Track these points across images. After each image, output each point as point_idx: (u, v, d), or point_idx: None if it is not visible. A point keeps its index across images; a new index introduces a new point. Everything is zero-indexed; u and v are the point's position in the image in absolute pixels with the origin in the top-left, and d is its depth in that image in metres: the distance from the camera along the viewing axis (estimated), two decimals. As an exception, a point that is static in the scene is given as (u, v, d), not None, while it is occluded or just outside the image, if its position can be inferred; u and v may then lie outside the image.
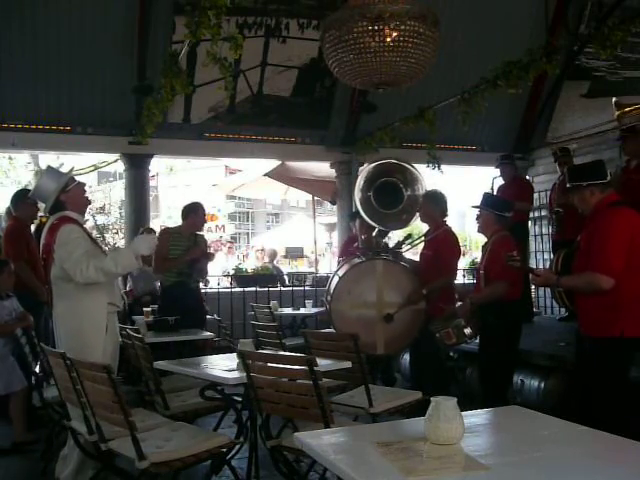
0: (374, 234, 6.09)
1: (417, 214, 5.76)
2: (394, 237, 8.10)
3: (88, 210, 4.31)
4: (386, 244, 5.93)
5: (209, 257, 6.41)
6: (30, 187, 15.85)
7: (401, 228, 6.47)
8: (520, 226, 7.12)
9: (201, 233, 6.35)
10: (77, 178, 4.16)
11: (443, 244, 5.24)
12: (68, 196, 3.89)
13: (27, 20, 7.63)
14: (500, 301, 4.38)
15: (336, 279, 5.43)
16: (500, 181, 7.88)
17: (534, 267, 4.12)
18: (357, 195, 5.92)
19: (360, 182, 5.92)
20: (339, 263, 6.85)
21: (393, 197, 5.85)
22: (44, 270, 3.94)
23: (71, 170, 4.16)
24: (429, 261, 5.29)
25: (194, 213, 6.14)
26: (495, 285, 4.37)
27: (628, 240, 3.42)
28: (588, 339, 3.63)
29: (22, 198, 5.87)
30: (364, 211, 5.85)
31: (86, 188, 4.17)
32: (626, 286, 3.40)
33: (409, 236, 6.18)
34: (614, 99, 6.75)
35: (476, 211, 4.77)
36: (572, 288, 3.69)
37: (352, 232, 7.15)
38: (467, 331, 4.53)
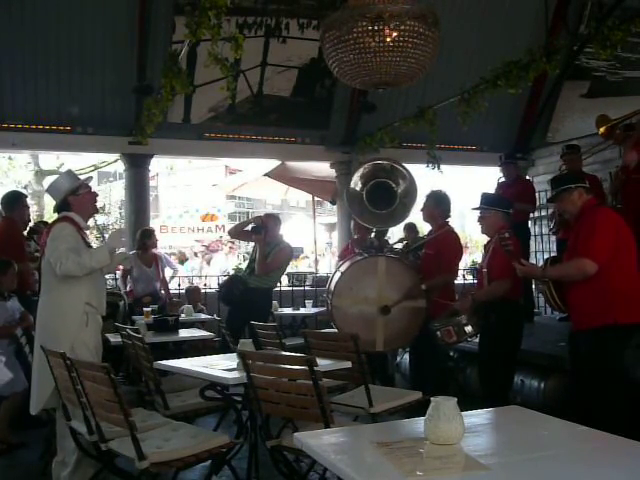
0: (371, 235, 6.08)
1: (406, 217, 5.78)
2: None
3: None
4: (381, 244, 5.91)
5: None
6: (30, 188, 15.96)
7: (389, 227, 6.46)
8: (521, 227, 7.11)
9: (280, 242, 6.55)
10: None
11: (445, 244, 5.24)
12: (76, 199, 4.04)
13: (27, 20, 7.63)
14: (503, 300, 4.38)
15: (338, 275, 5.43)
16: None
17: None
18: (348, 196, 5.89)
19: (355, 181, 5.89)
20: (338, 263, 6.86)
21: (384, 198, 5.82)
22: (39, 263, 4.10)
23: (88, 178, 4.33)
24: (431, 260, 5.29)
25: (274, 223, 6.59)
26: (497, 283, 4.37)
27: (614, 233, 3.67)
28: (582, 333, 3.72)
29: (18, 201, 5.91)
30: (355, 211, 5.83)
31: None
32: (616, 276, 3.60)
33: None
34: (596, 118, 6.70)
35: (476, 212, 4.74)
36: (558, 276, 3.84)
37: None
38: (468, 329, 4.51)
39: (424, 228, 6.87)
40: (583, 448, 2.07)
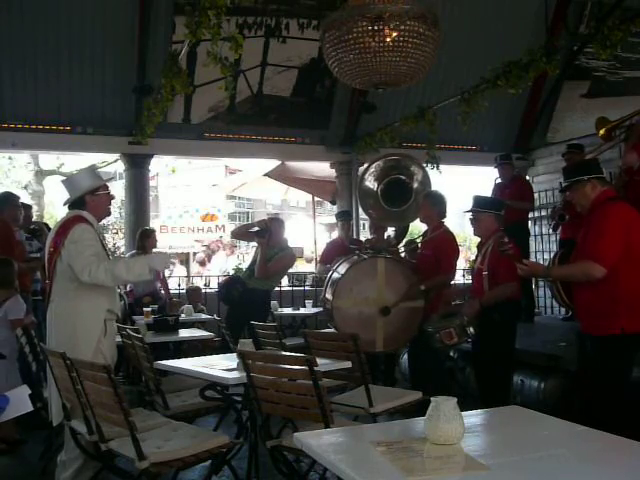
0: (389, 234, 6.07)
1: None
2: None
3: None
4: (395, 244, 5.92)
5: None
6: (30, 188, 15.93)
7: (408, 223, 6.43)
8: (520, 226, 7.12)
9: (285, 248, 6.56)
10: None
11: (442, 244, 5.24)
12: (94, 199, 3.88)
13: (27, 20, 7.63)
14: (506, 301, 4.39)
15: (337, 277, 5.43)
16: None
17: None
18: (361, 194, 5.88)
19: (368, 178, 5.87)
20: (324, 262, 6.88)
21: (399, 195, 5.81)
22: (49, 265, 3.86)
23: (110, 179, 4.18)
24: (428, 261, 5.29)
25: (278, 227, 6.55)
26: (505, 286, 4.35)
27: (624, 233, 3.46)
28: (589, 338, 3.64)
29: (6, 202, 5.90)
30: (369, 210, 5.82)
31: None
32: (624, 281, 3.43)
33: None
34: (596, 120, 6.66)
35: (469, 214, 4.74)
36: (564, 277, 3.73)
37: (338, 235, 7.14)
38: (469, 330, 4.51)
39: (420, 229, 6.87)
40: (583, 448, 2.07)
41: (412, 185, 5.78)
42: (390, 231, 6.53)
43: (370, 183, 5.86)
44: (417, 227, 10.16)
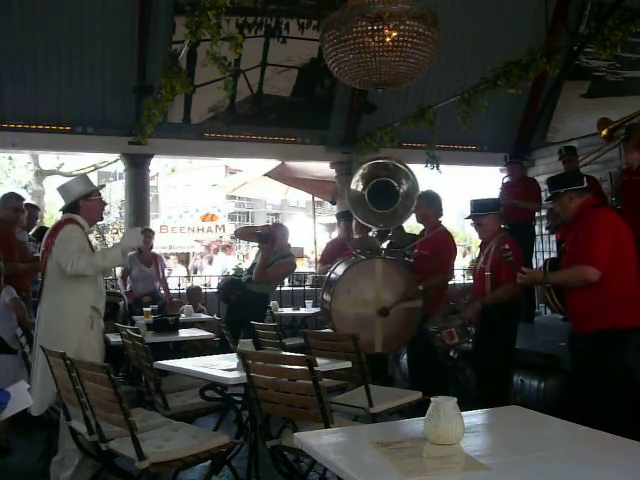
0: (371, 234, 6.06)
1: (408, 215, 5.76)
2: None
3: None
4: (380, 245, 5.90)
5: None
6: (30, 188, 15.93)
7: (392, 227, 6.40)
8: (525, 226, 7.10)
9: (286, 255, 6.56)
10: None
11: (440, 243, 5.24)
12: (87, 204, 4.08)
13: (27, 20, 7.63)
14: (506, 300, 4.40)
15: (334, 278, 5.42)
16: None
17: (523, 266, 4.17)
18: (349, 195, 5.87)
19: (355, 182, 5.87)
20: (325, 262, 6.87)
21: (386, 197, 5.80)
22: (42, 264, 4.05)
23: (102, 186, 4.42)
24: (426, 261, 5.28)
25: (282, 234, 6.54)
26: (507, 286, 4.35)
27: (612, 236, 3.59)
28: (582, 337, 3.69)
29: (4, 202, 5.90)
30: (356, 211, 5.81)
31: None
32: (614, 280, 3.53)
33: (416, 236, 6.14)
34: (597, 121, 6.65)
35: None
36: (560, 282, 3.79)
37: (338, 235, 7.13)
38: (470, 330, 4.51)
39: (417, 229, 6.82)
40: (583, 448, 2.07)
41: (399, 190, 5.75)
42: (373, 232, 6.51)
43: (358, 185, 5.84)
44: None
